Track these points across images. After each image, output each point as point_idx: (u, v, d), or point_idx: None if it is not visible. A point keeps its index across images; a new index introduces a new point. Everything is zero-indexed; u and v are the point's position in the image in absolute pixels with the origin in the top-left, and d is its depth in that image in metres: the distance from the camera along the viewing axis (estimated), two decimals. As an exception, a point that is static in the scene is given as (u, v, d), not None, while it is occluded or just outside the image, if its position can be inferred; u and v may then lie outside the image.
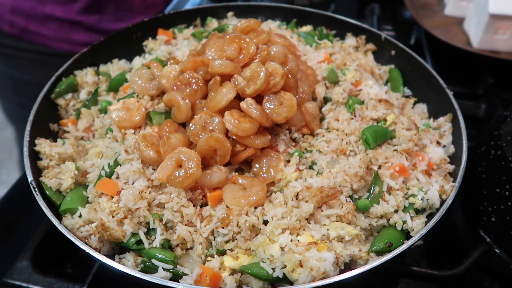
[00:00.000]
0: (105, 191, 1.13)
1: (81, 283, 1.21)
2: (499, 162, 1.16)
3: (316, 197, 1.09)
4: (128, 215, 1.08)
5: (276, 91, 1.21)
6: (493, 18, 1.78)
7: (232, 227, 1.07)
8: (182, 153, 1.11)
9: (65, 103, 1.42)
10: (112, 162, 1.18)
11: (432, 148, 1.30)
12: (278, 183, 1.18)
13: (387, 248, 1.06)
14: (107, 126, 1.31)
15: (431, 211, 1.18)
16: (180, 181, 1.09)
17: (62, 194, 1.18)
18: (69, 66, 1.45)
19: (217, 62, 1.21)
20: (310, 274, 0.98)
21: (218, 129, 1.17)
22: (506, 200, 1.15)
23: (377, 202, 1.14)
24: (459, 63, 1.95)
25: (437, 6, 2.19)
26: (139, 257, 1.07)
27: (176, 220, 1.09)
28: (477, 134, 1.51)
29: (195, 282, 1.01)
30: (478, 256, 1.20)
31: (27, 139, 1.23)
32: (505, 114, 1.25)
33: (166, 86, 1.29)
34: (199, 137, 1.16)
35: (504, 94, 1.83)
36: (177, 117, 1.24)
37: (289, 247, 1.03)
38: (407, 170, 1.20)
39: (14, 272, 1.23)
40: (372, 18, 2.33)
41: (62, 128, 1.38)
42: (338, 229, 1.08)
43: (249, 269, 1.03)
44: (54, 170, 1.19)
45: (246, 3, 1.79)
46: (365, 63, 1.57)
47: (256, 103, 1.19)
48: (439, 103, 1.44)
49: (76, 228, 1.09)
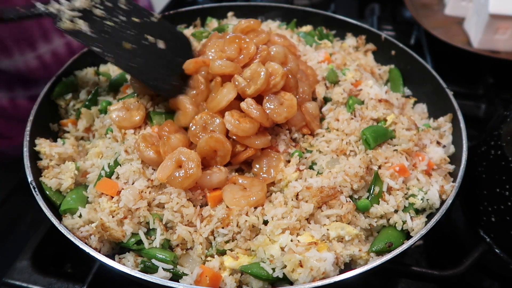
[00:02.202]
0: (105, 191, 1.13)
1: (81, 283, 1.21)
2: (499, 162, 1.16)
3: (316, 197, 1.09)
4: (128, 215, 1.08)
5: (276, 91, 1.21)
6: (493, 18, 1.78)
7: (232, 227, 1.07)
8: (182, 154, 1.11)
9: (65, 103, 1.41)
10: (112, 162, 1.18)
11: (432, 148, 1.30)
12: (278, 183, 1.18)
13: (387, 248, 1.06)
14: (107, 126, 1.31)
15: (431, 211, 1.18)
16: (180, 182, 1.09)
17: (62, 194, 1.18)
18: (69, 66, 1.45)
19: (218, 63, 1.21)
20: (310, 274, 0.98)
21: (218, 129, 1.17)
22: (506, 200, 1.15)
23: (377, 202, 1.14)
24: (459, 63, 1.95)
25: (437, 6, 2.19)
26: (139, 257, 1.07)
27: (176, 220, 1.09)
28: (477, 134, 1.51)
29: (195, 282, 1.01)
30: (478, 256, 1.20)
31: (27, 139, 1.22)
32: (505, 114, 1.25)
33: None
34: (199, 138, 1.16)
35: (504, 94, 1.84)
36: (181, 121, 1.24)
37: (289, 247, 1.03)
38: (407, 170, 1.20)
39: (14, 272, 1.23)
40: (372, 18, 2.33)
41: (62, 128, 1.38)
42: (338, 229, 1.08)
43: (249, 269, 1.03)
44: (54, 170, 1.19)
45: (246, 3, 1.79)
46: (365, 63, 1.57)
47: (256, 103, 1.19)
48: (439, 103, 1.44)
49: (76, 228, 1.09)
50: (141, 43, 1.31)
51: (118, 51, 1.25)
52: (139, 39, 1.31)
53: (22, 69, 1.67)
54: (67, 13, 1.22)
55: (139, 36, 1.32)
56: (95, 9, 1.28)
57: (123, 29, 1.30)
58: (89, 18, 1.25)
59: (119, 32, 1.29)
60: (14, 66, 1.65)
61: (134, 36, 1.31)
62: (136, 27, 1.33)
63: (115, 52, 1.24)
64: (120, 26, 1.30)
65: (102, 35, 1.25)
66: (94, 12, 1.27)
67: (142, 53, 1.29)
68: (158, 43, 1.34)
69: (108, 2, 1.32)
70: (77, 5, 1.25)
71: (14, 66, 1.65)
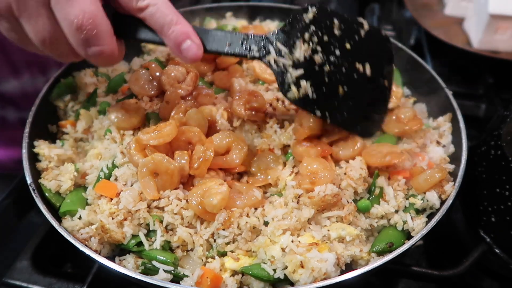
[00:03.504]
0: (104, 193, 1.12)
1: (81, 283, 1.21)
2: (499, 162, 1.16)
3: (318, 205, 1.09)
4: (128, 217, 1.08)
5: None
6: (493, 18, 1.78)
7: (233, 229, 1.06)
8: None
9: (64, 105, 1.41)
10: (110, 164, 1.18)
11: (432, 148, 1.30)
12: (275, 186, 1.18)
13: (388, 248, 1.06)
14: (106, 127, 1.30)
15: (432, 211, 1.18)
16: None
17: (61, 196, 1.17)
18: (67, 67, 1.44)
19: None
20: (312, 275, 0.98)
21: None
22: (506, 200, 1.15)
23: (377, 202, 1.14)
24: (459, 63, 1.95)
25: (437, 6, 2.19)
26: (140, 259, 1.07)
27: (176, 223, 1.08)
28: (477, 134, 1.51)
29: (196, 283, 1.01)
30: (478, 256, 1.20)
31: (26, 141, 1.22)
32: (505, 114, 1.25)
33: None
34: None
35: (504, 94, 1.83)
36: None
37: (290, 248, 1.03)
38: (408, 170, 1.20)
39: (14, 272, 1.23)
40: (372, 18, 2.33)
41: (61, 130, 1.38)
42: (339, 229, 1.08)
43: (250, 270, 1.03)
44: (53, 172, 1.19)
45: (245, 3, 1.78)
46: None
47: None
48: (439, 103, 1.44)
49: (76, 230, 1.09)
50: (352, 79, 1.07)
51: (335, 102, 1.04)
52: (350, 75, 1.07)
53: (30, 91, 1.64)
54: (291, 72, 1.00)
55: (351, 70, 1.07)
56: (315, 55, 1.03)
57: (338, 69, 1.05)
58: (310, 73, 1.02)
59: (335, 76, 1.05)
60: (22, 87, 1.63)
61: (346, 72, 1.06)
62: (348, 57, 1.07)
63: (332, 106, 1.04)
64: (336, 67, 1.05)
65: (321, 90, 1.03)
66: (314, 60, 1.03)
67: (351, 94, 1.06)
68: (366, 69, 1.09)
69: (325, 36, 1.04)
70: (297, 56, 1.01)
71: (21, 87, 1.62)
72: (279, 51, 1.03)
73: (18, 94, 1.66)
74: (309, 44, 1.03)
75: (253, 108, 1.23)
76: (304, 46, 1.02)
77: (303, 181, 1.10)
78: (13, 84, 1.63)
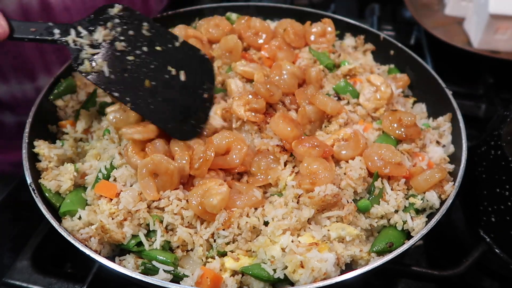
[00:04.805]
0: (104, 194, 1.12)
1: (81, 283, 1.21)
2: (499, 162, 1.16)
3: (318, 205, 1.09)
4: (128, 217, 1.08)
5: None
6: (493, 18, 1.79)
7: (233, 229, 1.06)
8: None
9: (64, 105, 1.41)
10: (108, 165, 1.18)
11: (432, 147, 1.31)
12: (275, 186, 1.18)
13: (388, 248, 1.06)
14: (105, 128, 1.30)
15: (431, 211, 1.18)
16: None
17: (61, 196, 1.17)
18: (67, 67, 1.44)
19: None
20: (312, 275, 0.98)
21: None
22: (506, 200, 1.15)
23: (377, 202, 1.14)
24: (459, 63, 1.95)
25: (437, 6, 2.19)
26: (140, 259, 1.07)
27: (176, 223, 1.08)
28: (477, 134, 1.51)
29: (196, 283, 1.01)
30: (478, 256, 1.20)
31: (25, 141, 1.22)
32: (505, 114, 1.25)
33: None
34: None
35: (504, 94, 1.84)
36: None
37: (290, 248, 1.03)
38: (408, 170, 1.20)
39: (14, 272, 1.23)
40: (372, 18, 2.33)
41: (61, 130, 1.38)
42: (339, 229, 1.08)
43: (250, 270, 1.03)
44: (53, 172, 1.19)
45: (245, 3, 1.78)
46: (364, 63, 1.57)
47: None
48: (439, 103, 1.44)
49: (76, 230, 1.09)
50: (162, 78, 1.18)
51: (139, 91, 1.13)
52: (160, 73, 1.18)
53: (19, 97, 1.65)
54: (87, 50, 1.10)
55: (160, 69, 1.18)
56: (117, 42, 1.14)
57: (145, 63, 1.16)
58: (109, 55, 1.12)
59: (141, 68, 1.16)
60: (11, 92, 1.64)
61: (155, 69, 1.17)
62: (158, 58, 1.19)
63: (135, 94, 1.12)
64: (142, 60, 1.16)
65: (123, 75, 1.12)
66: (115, 46, 1.14)
67: (162, 91, 1.16)
68: (180, 74, 1.20)
69: (131, 30, 1.19)
70: (96, 38, 1.13)
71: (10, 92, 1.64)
72: (79, 33, 1.14)
73: (9, 98, 1.68)
74: (111, 31, 1.16)
75: (253, 109, 1.23)
76: (105, 31, 1.15)
77: (303, 181, 1.10)
78: (3, 88, 1.65)
